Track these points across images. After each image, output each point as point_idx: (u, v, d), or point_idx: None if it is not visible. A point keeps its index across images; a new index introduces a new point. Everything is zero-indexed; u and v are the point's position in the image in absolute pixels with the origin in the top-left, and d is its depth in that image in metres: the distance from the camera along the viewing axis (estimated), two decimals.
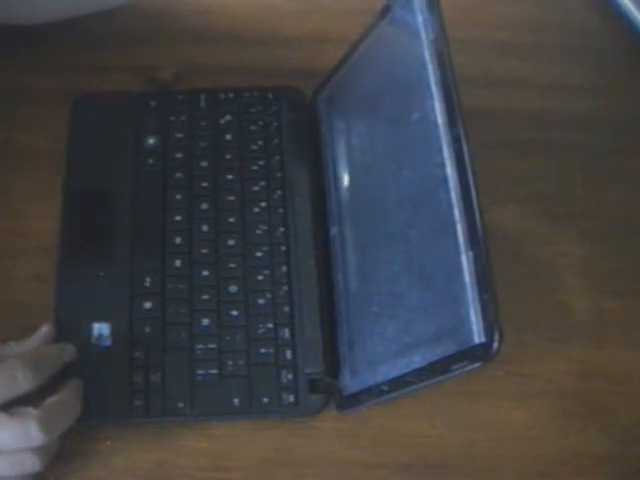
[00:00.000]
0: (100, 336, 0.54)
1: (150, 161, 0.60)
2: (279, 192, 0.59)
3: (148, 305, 0.55)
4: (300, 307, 0.56)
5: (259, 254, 0.57)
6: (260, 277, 0.56)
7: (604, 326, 0.58)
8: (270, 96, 0.63)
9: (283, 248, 0.57)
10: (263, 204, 0.59)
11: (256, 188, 0.59)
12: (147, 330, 0.54)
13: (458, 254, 0.42)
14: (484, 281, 0.40)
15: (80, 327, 0.54)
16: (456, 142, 0.44)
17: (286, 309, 0.55)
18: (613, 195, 0.64)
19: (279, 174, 0.60)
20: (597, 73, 0.69)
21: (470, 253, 0.41)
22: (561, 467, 0.54)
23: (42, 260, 0.56)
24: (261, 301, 0.56)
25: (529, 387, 0.56)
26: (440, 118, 0.45)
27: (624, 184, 0.64)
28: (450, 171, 0.44)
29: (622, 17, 0.70)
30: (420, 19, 0.49)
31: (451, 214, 0.43)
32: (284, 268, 0.57)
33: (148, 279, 0.56)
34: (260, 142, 0.61)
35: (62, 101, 0.61)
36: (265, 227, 0.58)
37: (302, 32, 0.67)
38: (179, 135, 0.61)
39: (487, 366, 0.40)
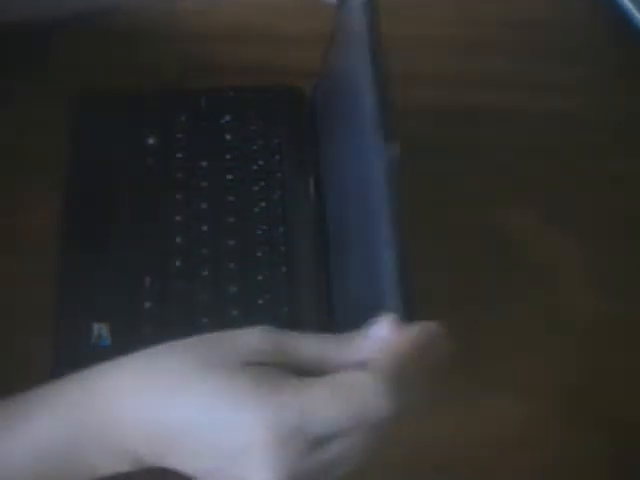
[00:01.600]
0: (100, 336, 0.54)
1: (150, 161, 0.60)
2: (279, 192, 0.59)
3: (148, 305, 0.55)
4: (300, 307, 0.56)
5: (259, 254, 0.57)
6: (260, 277, 0.56)
7: (604, 326, 0.58)
8: (270, 96, 0.63)
9: (283, 248, 0.57)
10: (263, 204, 0.59)
11: (256, 188, 0.59)
12: (147, 330, 0.54)
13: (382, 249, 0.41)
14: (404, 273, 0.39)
15: (80, 327, 0.54)
16: (387, 139, 0.42)
17: (286, 309, 0.55)
18: (613, 195, 0.64)
19: (279, 174, 0.60)
20: (597, 73, 0.69)
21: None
22: (561, 467, 0.54)
23: (42, 260, 0.56)
24: (261, 301, 0.55)
25: (529, 387, 0.56)
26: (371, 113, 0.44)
27: (624, 184, 0.64)
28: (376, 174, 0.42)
29: (622, 17, 0.70)
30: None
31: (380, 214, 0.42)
32: (284, 268, 0.57)
33: (148, 279, 0.56)
34: (260, 142, 0.61)
35: (62, 101, 0.61)
36: (265, 227, 0.58)
37: (302, 32, 0.67)
38: (179, 135, 0.61)
39: (487, 366, 0.40)
